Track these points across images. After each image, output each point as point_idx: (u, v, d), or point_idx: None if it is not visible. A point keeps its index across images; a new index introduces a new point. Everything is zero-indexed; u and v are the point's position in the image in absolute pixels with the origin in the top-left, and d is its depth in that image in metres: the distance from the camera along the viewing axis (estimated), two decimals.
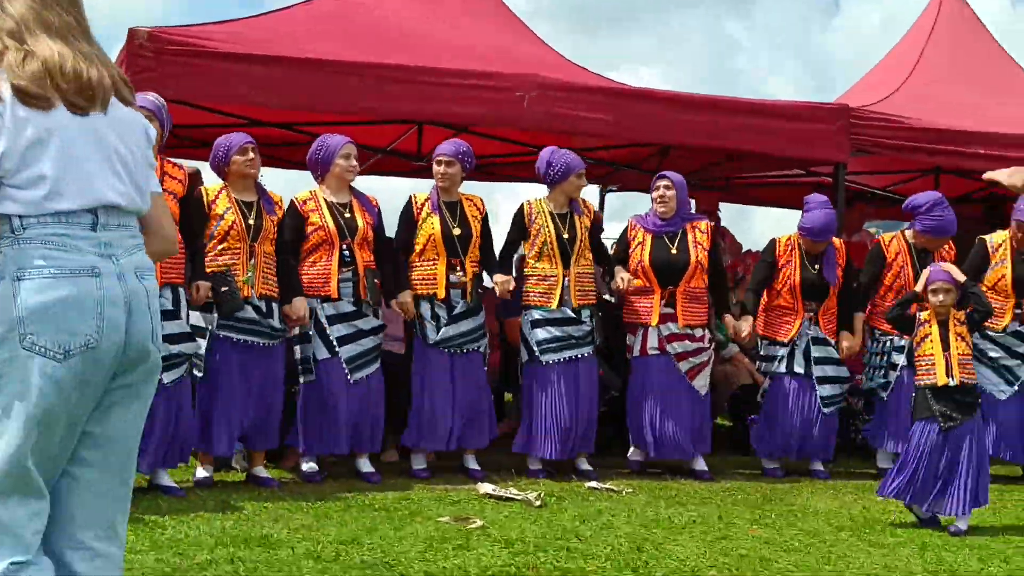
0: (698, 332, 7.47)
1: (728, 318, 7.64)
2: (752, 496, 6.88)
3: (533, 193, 10.33)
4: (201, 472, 6.48)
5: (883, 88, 9.66)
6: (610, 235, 8.48)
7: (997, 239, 7.73)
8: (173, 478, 6.31)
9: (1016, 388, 7.66)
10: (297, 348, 6.73)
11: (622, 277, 7.32)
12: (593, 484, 6.90)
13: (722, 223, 11.43)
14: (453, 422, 7.04)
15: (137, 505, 5.69)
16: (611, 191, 11.97)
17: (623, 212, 25.02)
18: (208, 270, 6.30)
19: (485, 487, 6.53)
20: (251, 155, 6.49)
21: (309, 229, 6.72)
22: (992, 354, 7.60)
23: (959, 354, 5.94)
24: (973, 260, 7.65)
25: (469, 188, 7.56)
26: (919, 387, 6.06)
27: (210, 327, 6.31)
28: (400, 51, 7.80)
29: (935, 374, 5.94)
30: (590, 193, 12.18)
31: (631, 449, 7.63)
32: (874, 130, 8.57)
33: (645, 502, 6.52)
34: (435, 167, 7.17)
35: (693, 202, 10.52)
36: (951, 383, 5.89)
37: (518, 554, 5.10)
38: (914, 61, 10.15)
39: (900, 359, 7.64)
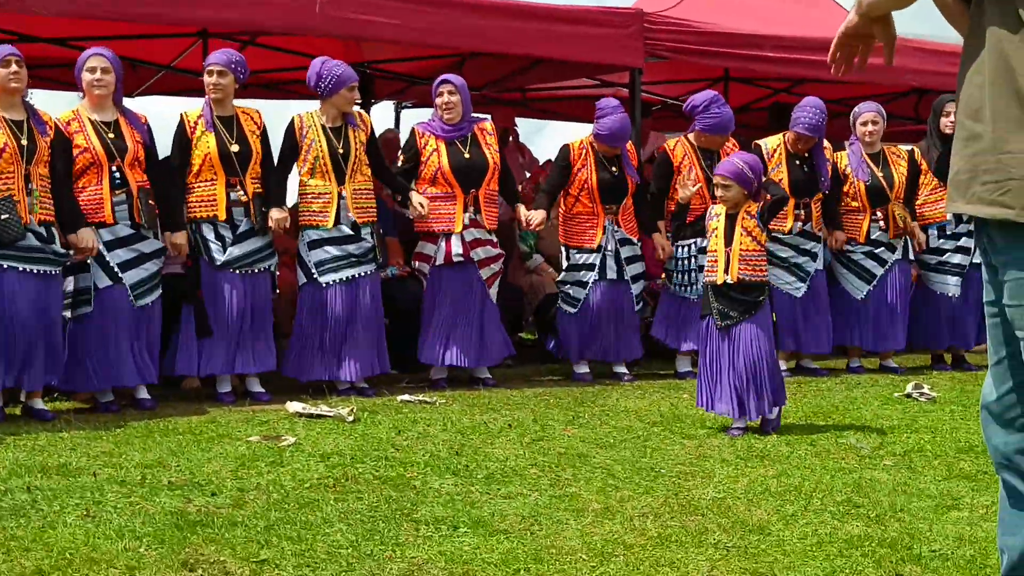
0: (494, 237, 7.41)
1: (520, 208, 7.57)
2: (564, 400, 6.92)
3: None
4: None
5: None
6: None
7: (772, 143, 7.89)
8: None
9: (808, 284, 7.92)
10: (71, 279, 6.26)
11: (420, 203, 7.12)
12: (406, 397, 6.80)
13: (520, 139, 11.42)
14: (240, 344, 6.75)
15: None
16: (406, 107, 11.77)
17: None
18: None
19: (294, 406, 6.34)
20: (15, 68, 5.92)
21: (75, 152, 6.24)
22: (782, 254, 7.81)
23: (741, 250, 5.81)
24: None
25: (260, 107, 7.22)
26: (704, 284, 6.04)
27: None
28: None
29: (716, 271, 5.89)
30: (385, 109, 12.03)
31: (432, 369, 7.44)
32: (667, 35, 8.60)
33: (460, 411, 6.47)
34: (206, 78, 6.72)
35: (489, 117, 10.39)
36: (727, 280, 5.82)
37: (335, 467, 4.98)
38: None
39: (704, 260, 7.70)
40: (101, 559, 3.56)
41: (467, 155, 7.25)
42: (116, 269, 6.29)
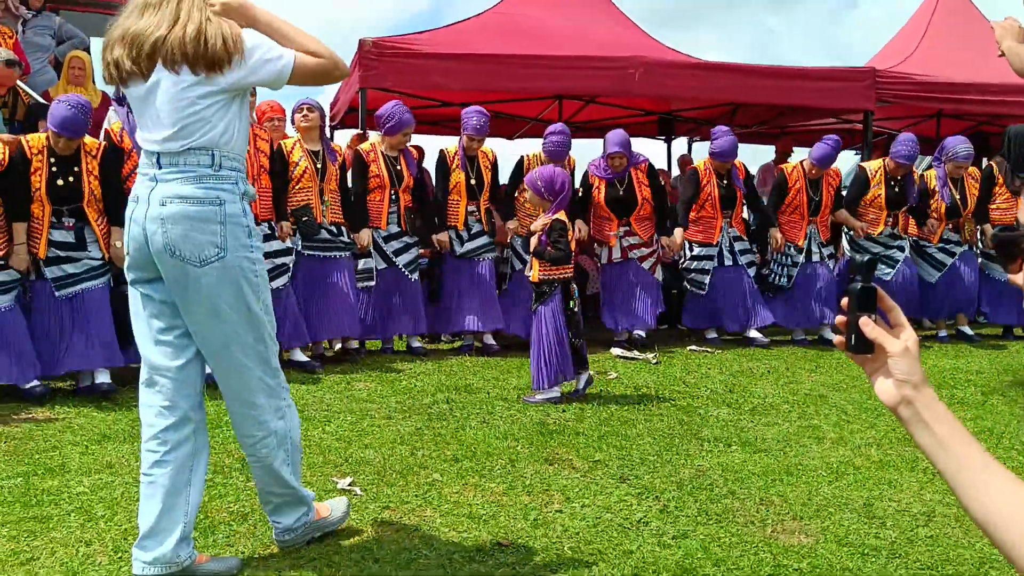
0: (646, 240, 6.68)
1: (664, 239, 6.70)
2: (809, 353, 6.60)
3: (640, 147, 10.06)
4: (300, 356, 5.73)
5: (899, 55, 9.00)
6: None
7: (874, 166, 6.97)
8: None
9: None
10: (360, 261, 6.04)
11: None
12: (694, 347, 6.71)
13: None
14: (470, 311, 6.39)
15: (383, 365, 5.77)
16: (696, 141, 11.54)
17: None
18: (289, 206, 5.71)
19: (616, 350, 6.42)
20: (305, 112, 5.76)
21: (370, 174, 6.06)
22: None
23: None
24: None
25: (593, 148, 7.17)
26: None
27: (296, 247, 5.73)
28: (542, 44, 7.57)
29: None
30: (681, 143, 11.80)
31: (616, 338, 6.83)
32: (894, 85, 8.00)
33: (732, 358, 6.32)
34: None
35: (647, 159, 9.68)
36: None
37: (644, 396, 5.00)
38: (922, 32, 9.42)
39: (800, 257, 6.93)
40: (493, 452, 3.75)
41: (621, 193, 6.57)
42: (391, 256, 6.15)
